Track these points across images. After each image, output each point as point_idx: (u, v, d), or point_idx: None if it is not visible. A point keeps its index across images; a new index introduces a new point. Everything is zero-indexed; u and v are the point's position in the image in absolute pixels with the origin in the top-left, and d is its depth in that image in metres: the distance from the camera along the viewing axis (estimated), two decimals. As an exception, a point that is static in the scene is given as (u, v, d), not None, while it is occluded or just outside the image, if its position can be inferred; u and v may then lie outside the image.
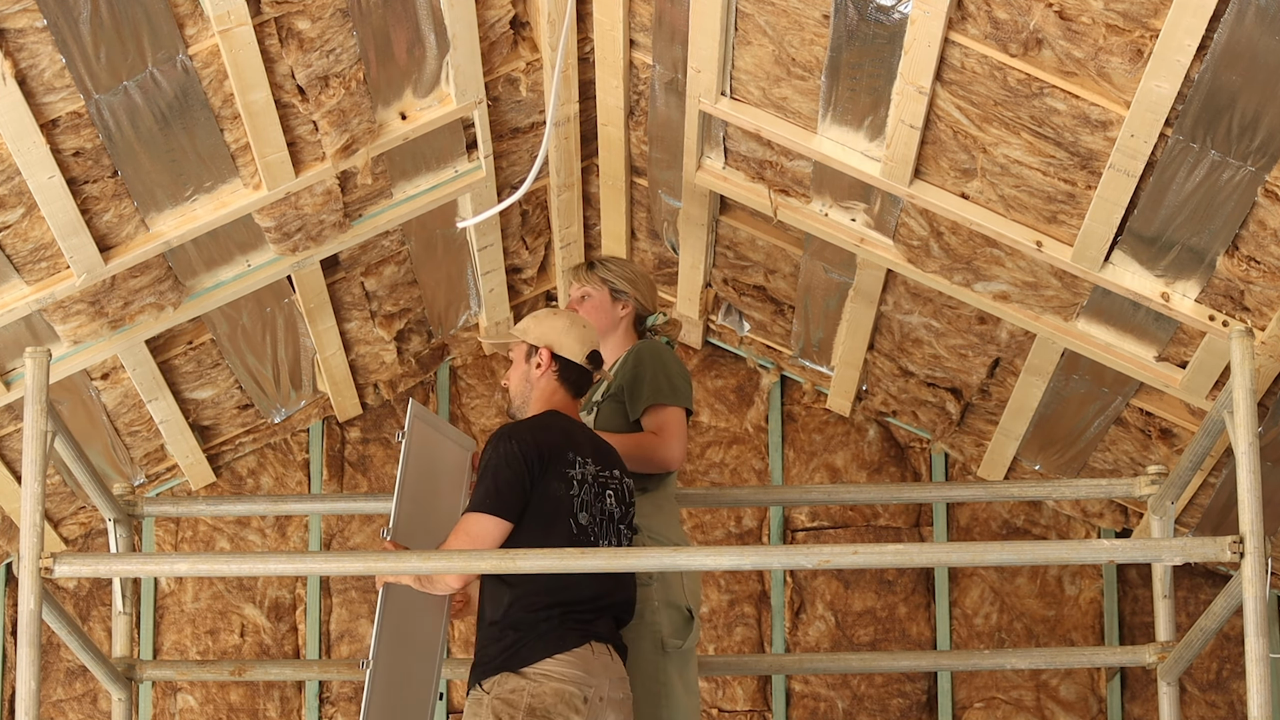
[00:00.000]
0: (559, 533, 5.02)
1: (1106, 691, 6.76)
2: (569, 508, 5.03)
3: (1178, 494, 5.81)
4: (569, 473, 5.06)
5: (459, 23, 5.20)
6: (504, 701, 4.91)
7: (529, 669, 4.94)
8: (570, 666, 4.96)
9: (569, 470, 5.06)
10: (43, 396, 5.13)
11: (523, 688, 4.93)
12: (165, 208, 5.34)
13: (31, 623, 5.04)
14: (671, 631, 5.32)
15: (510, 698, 4.92)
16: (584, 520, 5.07)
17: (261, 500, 6.37)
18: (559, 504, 5.03)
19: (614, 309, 5.50)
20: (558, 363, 5.17)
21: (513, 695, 4.92)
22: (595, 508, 5.11)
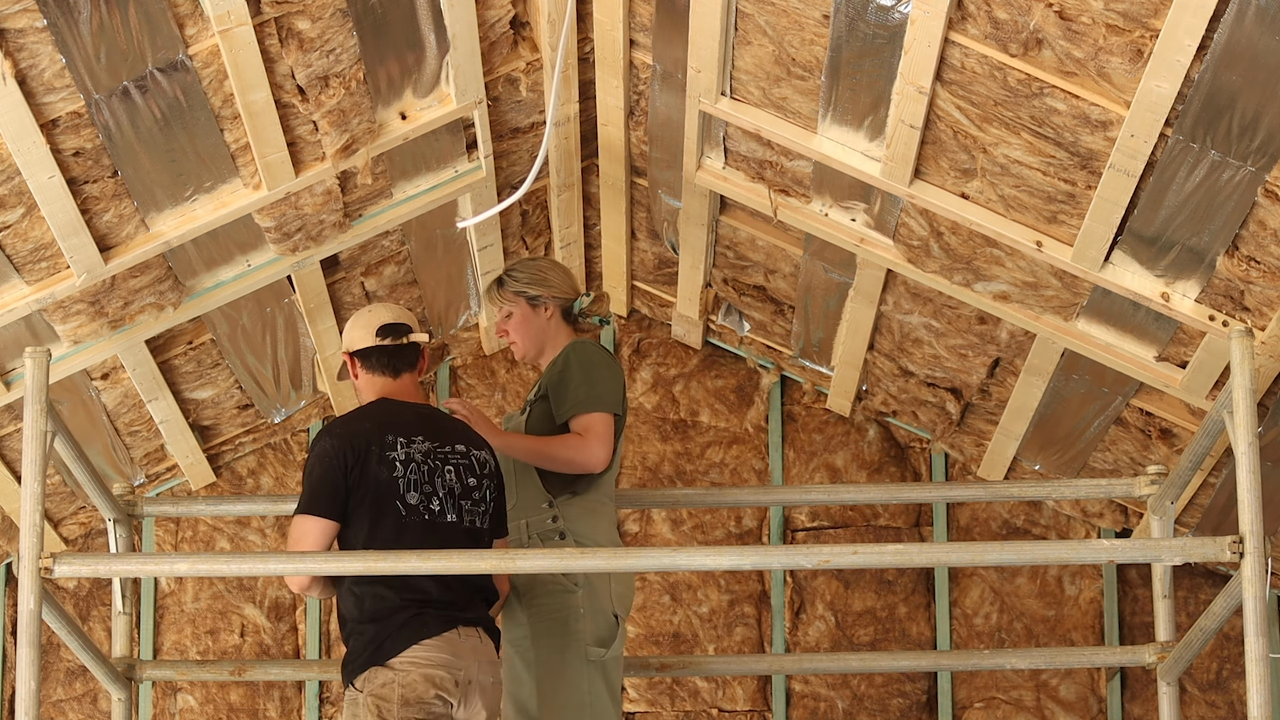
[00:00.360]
0: (388, 515, 5.06)
1: (1106, 691, 6.76)
2: (394, 490, 5.06)
3: (1178, 494, 5.81)
4: (389, 455, 5.08)
5: (459, 23, 5.20)
6: (377, 697, 4.95)
7: (395, 660, 4.98)
8: (436, 651, 4.99)
9: (389, 453, 5.08)
10: (43, 396, 5.13)
11: (392, 679, 4.97)
12: (165, 208, 5.34)
13: (31, 623, 5.04)
14: (596, 640, 5.31)
15: (382, 692, 4.96)
16: (413, 500, 5.09)
17: (261, 500, 6.38)
18: (382, 487, 5.06)
19: (538, 316, 5.51)
20: (359, 358, 5.21)
21: (384, 689, 4.96)
22: (430, 484, 5.11)
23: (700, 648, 6.80)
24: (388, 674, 5.00)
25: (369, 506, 5.06)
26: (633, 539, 6.87)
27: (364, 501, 5.06)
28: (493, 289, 5.57)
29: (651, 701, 6.79)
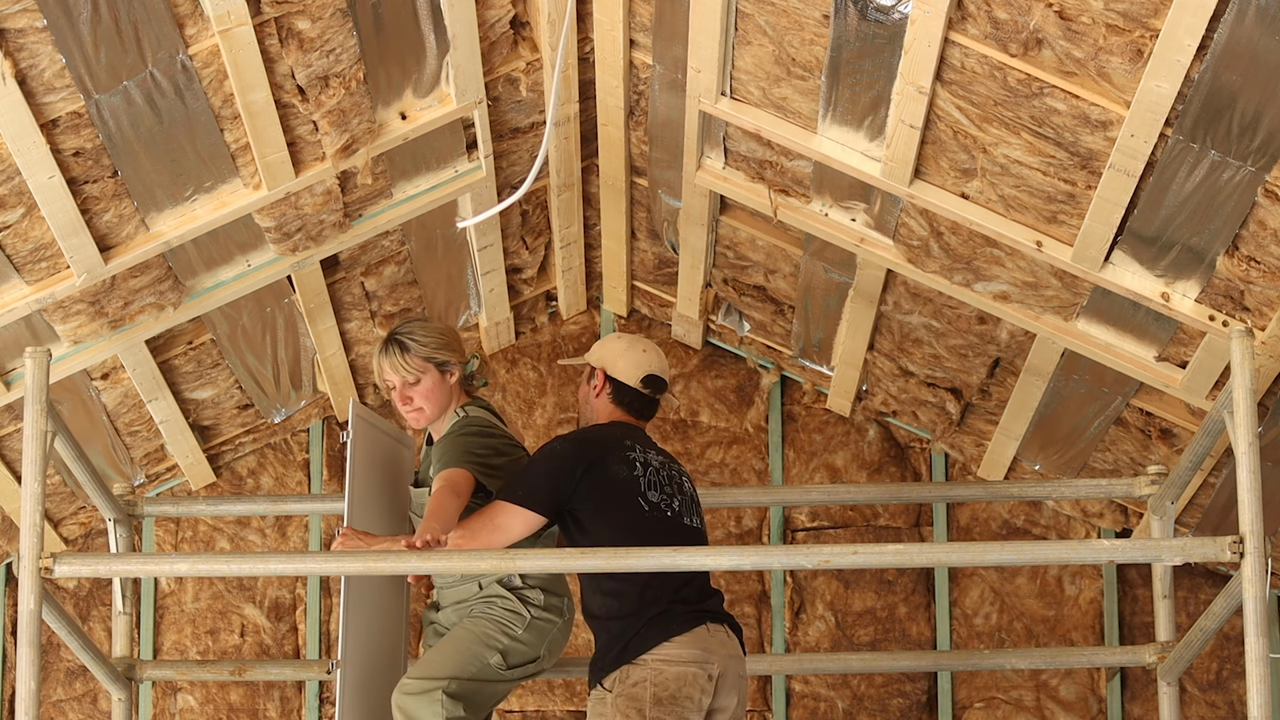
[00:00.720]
0: (630, 509, 5.14)
1: (1106, 691, 6.76)
2: (635, 486, 5.15)
3: (1178, 494, 5.81)
4: (629, 456, 5.20)
5: (459, 23, 5.21)
6: (628, 698, 4.98)
7: (646, 656, 5.02)
8: (687, 647, 5.03)
9: (629, 454, 5.20)
10: (43, 396, 5.13)
11: (644, 678, 5.00)
12: (165, 208, 5.34)
13: (31, 623, 5.04)
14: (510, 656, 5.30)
15: (634, 691, 4.99)
16: (654, 498, 5.19)
17: (261, 500, 6.38)
18: (622, 484, 5.15)
19: (445, 382, 5.41)
20: (611, 385, 5.30)
21: (635, 689, 4.99)
22: (669, 488, 5.23)
23: (700, 648, 6.80)
24: (640, 671, 5.02)
25: (611, 502, 5.15)
26: (633, 539, 6.87)
27: (606, 499, 5.15)
28: (395, 355, 5.36)
29: (651, 701, 6.79)
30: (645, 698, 4.98)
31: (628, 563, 5.19)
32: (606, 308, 6.98)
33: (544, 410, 6.94)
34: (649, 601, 5.08)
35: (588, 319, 7.01)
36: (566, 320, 7.01)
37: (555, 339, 7.00)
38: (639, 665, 5.01)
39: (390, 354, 5.36)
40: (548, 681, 6.77)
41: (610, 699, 5.01)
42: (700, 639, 5.06)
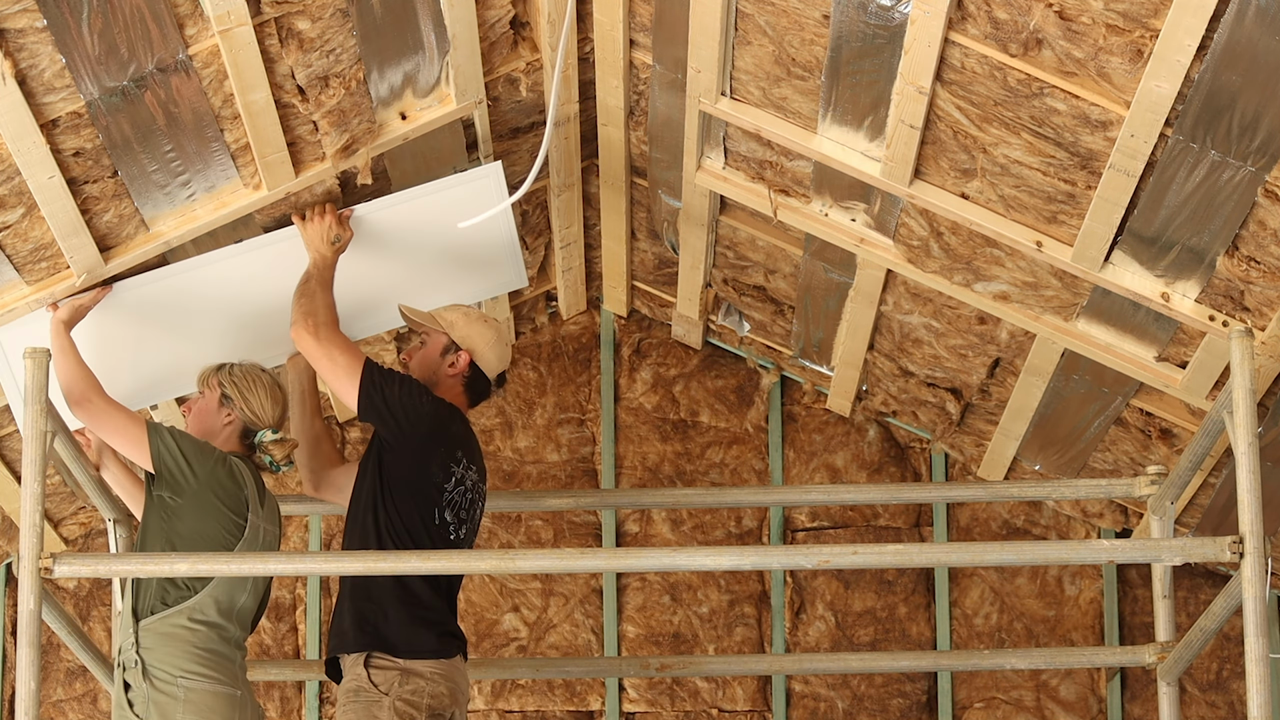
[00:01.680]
0: (424, 515, 5.20)
1: (1106, 691, 6.76)
2: (436, 499, 5.21)
3: (1178, 494, 5.81)
4: (451, 468, 5.24)
5: (459, 23, 5.20)
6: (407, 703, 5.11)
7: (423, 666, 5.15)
8: (452, 668, 5.21)
9: (452, 465, 5.24)
10: (43, 396, 5.13)
11: (423, 687, 5.15)
12: (165, 208, 5.34)
13: (31, 623, 5.04)
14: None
15: (413, 699, 5.12)
16: (448, 517, 5.24)
17: (261, 500, 6.37)
18: (431, 489, 5.21)
19: (218, 414, 5.44)
20: (471, 370, 5.29)
21: (414, 696, 5.12)
22: (464, 512, 5.28)
23: (700, 648, 6.80)
24: (420, 681, 5.06)
25: (412, 495, 5.20)
26: (633, 539, 6.88)
27: (409, 487, 5.20)
28: (209, 371, 5.49)
29: (651, 701, 6.79)
30: (423, 707, 5.07)
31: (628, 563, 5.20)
32: (606, 308, 6.98)
33: (544, 410, 6.94)
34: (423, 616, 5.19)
35: (588, 319, 7.01)
36: (566, 320, 7.01)
37: (555, 339, 7.00)
38: (420, 675, 5.09)
39: (212, 369, 5.49)
40: (548, 682, 6.77)
41: (388, 703, 5.06)
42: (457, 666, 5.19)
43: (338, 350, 5.24)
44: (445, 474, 5.24)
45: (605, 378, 6.96)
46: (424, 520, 5.22)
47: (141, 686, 5.12)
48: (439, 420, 5.26)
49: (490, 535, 6.85)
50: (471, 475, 5.31)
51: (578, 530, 6.88)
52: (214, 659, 5.19)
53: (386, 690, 5.09)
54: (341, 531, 6.88)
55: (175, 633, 5.18)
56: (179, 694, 5.11)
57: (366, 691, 5.12)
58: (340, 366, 5.23)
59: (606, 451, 6.90)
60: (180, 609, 5.19)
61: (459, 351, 5.42)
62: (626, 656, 6.73)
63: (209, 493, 5.23)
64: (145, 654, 5.15)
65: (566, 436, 6.94)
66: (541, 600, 6.82)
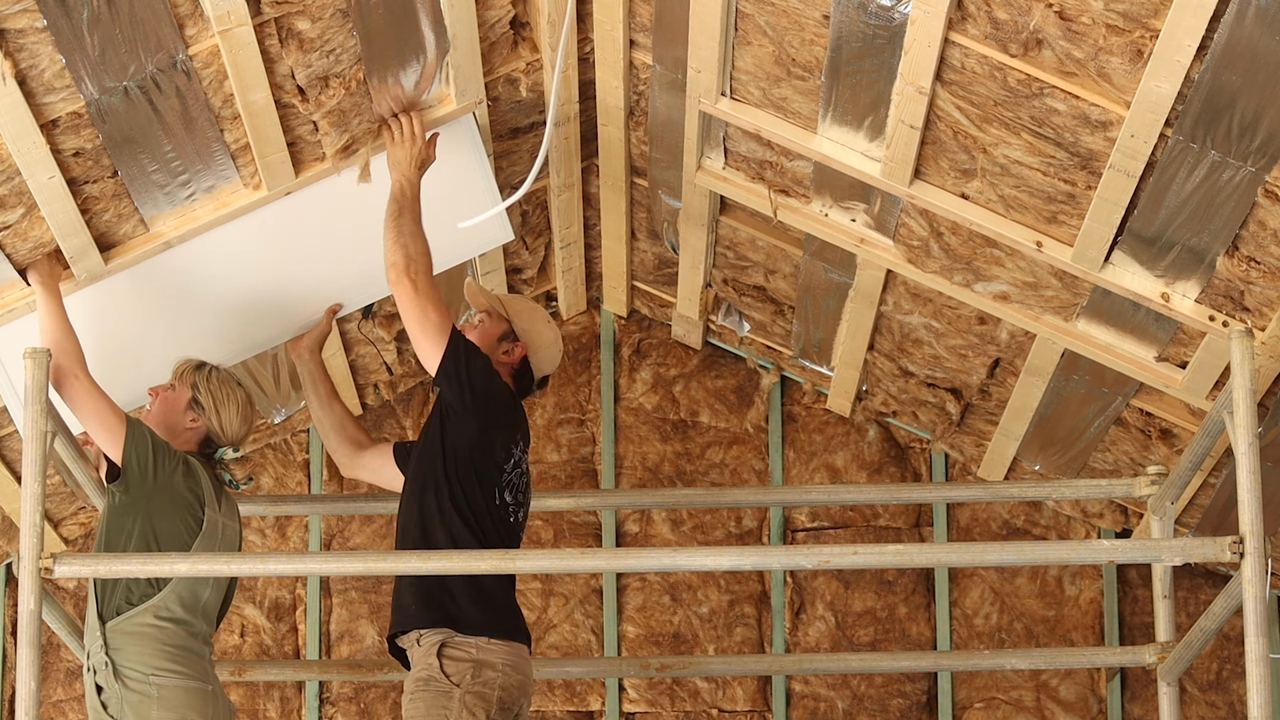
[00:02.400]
0: (485, 495, 5.16)
1: (1106, 691, 6.76)
2: (496, 479, 5.19)
3: (1178, 494, 5.81)
4: (511, 449, 5.24)
5: (459, 23, 5.20)
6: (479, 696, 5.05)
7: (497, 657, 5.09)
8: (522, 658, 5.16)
9: (512, 447, 5.24)
10: (43, 396, 5.13)
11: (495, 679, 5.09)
12: (165, 208, 5.34)
13: (31, 623, 5.04)
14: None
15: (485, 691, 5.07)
16: (507, 497, 5.21)
17: (261, 500, 6.37)
18: (493, 469, 5.18)
19: (184, 414, 5.43)
20: (522, 364, 5.30)
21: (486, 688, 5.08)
22: (521, 495, 5.27)
23: (700, 648, 6.80)
24: (491, 673, 5.02)
25: (474, 473, 5.16)
26: (633, 539, 6.88)
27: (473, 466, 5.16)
28: (188, 367, 5.48)
29: (651, 701, 6.79)
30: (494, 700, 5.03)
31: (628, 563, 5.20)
32: (606, 308, 6.98)
33: (544, 410, 6.94)
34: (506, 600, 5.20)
35: (588, 319, 7.01)
36: (567, 320, 7.01)
37: (555, 339, 7.00)
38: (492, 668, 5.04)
39: (190, 366, 5.47)
40: (548, 682, 6.77)
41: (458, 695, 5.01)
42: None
43: (432, 307, 5.13)
44: (506, 455, 5.20)
45: (605, 378, 6.96)
46: (487, 499, 5.16)
47: (114, 687, 5.13)
48: (506, 401, 5.24)
49: (490, 535, 6.85)
50: (526, 461, 5.29)
51: (578, 530, 6.88)
52: (183, 655, 5.20)
53: (458, 682, 5.00)
54: (341, 531, 6.88)
55: (142, 631, 5.18)
56: (152, 691, 5.12)
57: (437, 681, 5.01)
58: (432, 324, 5.12)
59: (606, 451, 6.90)
60: (145, 607, 5.20)
61: (516, 342, 5.39)
62: (626, 656, 6.73)
63: (162, 495, 5.23)
64: (115, 655, 5.16)
65: (566, 436, 6.94)
66: (541, 600, 6.82)
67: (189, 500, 5.25)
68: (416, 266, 5.15)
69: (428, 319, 5.13)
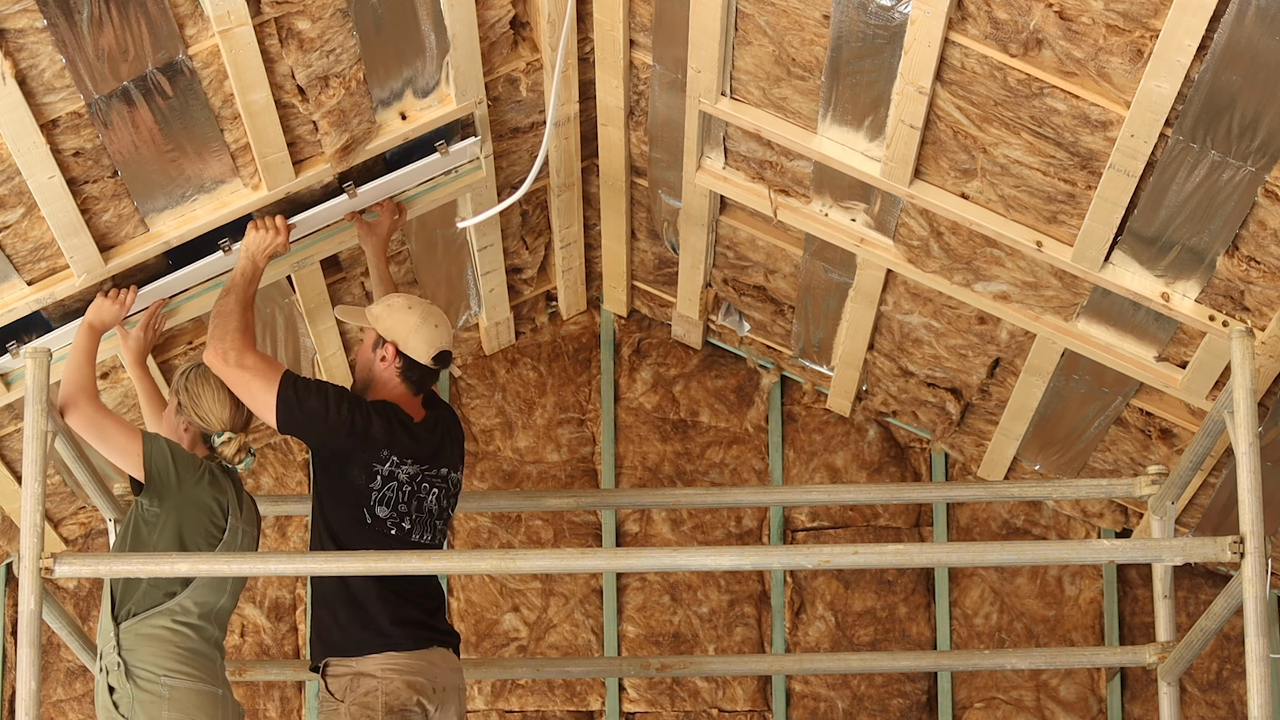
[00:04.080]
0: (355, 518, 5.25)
1: (1106, 691, 6.76)
2: (364, 499, 5.24)
3: (1178, 494, 5.81)
4: (374, 468, 5.25)
5: (459, 23, 5.20)
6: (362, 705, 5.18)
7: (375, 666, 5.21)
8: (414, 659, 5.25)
9: (376, 466, 5.25)
10: (43, 396, 5.13)
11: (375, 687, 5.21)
12: (165, 208, 5.34)
13: (31, 623, 5.04)
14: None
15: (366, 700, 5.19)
16: (382, 513, 5.27)
17: (261, 500, 6.36)
18: (355, 491, 5.24)
19: (178, 422, 5.45)
20: (402, 359, 5.30)
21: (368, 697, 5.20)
22: (404, 505, 5.29)
23: (700, 648, 6.80)
24: (370, 681, 5.09)
25: (341, 498, 5.26)
26: (633, 539, 6.88)
27: (338, 492, 5.26)
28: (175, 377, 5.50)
29: (651, 701, 6.79)
30: (378, 707, 5.12)
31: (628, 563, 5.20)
32: (606, 308, 6.98)
33: (544, 410, 6.94)
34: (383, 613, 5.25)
35: (588, 319, 7.01)
36: (566, 320, 7.02)
37: (555, 339, 7.00)
38: (370, 675, 5.15)
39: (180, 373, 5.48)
40: (548, 682, 6.77)
41: (344, 709, 5.14)
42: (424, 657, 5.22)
43: (249, 374, 5.23)
44: (368, 475, 5.24)
45: (605, 378, 6.96)
46: (355, 520, 5.25)
47: (126, 687, 5.14)
48: (354, 427, 5.22)
49: (490, 535, 6.85)
50: (407, 470, 5.28)
51: (578, 530, 6.88)
52: (195, 658, 5.22)
53: (341, 697, 5.18)
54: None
55: (157, 634, 5.20)
56: (164, 692, 5.13)
57: (327, 701, 5.22)
58: (255, 390, 5.23)
59: (606, 451, 6.90)
60: (160, 610, 5.21)
61: (386, 344, 5.41)
62: (626, 656, 6.73)
63: (189, 504, 5.26)
64: (127, 655, 5.17)
65: (566, 436, 6.94)
66: (541, 600, 6.83)
67: (213, 508, 5.29)
68: (226, 343, 5.23)
69: (250, 387, 5.23)
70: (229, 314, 5.27)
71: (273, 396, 5.21)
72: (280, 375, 5.23)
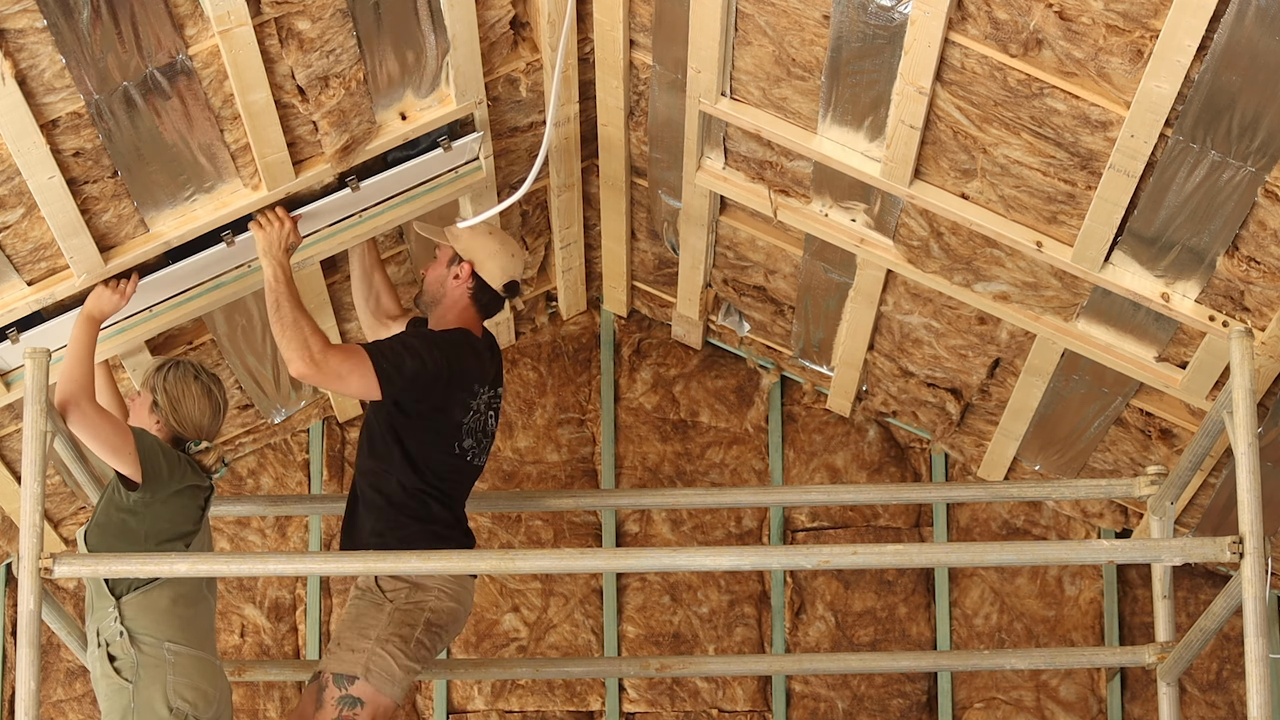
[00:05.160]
0: (446, 450, 5.39)
1: (1106, 691, 6.76)
2: (457, 434, 5.39)
3: (1178, 494, 5.82)
4: (469, 402, 5.39)
5: (459, 23, 5.21)
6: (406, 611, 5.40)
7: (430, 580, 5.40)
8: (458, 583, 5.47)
9: (470, 399, 5.39)
10: (43, 396, 5.13)
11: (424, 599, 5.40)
12: (165, 208, 5.34)
13: (31, 623, 5.04)
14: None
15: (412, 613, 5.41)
16: (468, 444, 5.43)
17: (261, 500, 6.38)
18: (452, 428, 5.38)
19: (150, 418, 5.45)
20: (475, 280, 5.38)
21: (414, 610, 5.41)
22: (480, 434, 5.48)
23: (700, 648, 6.80)
24: (423, 594, 5.29)
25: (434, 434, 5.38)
26: (633, 539, 6.88)
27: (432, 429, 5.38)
28: (150, 370, 5.52)
29: (651, 701, 6.79)
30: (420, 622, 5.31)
31: (628, 563, 5.20)
32: (606, 308, 6.98)
33: (544, 410, 6.94)
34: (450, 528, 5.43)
35: (588, 319, 7.02)
36: (566, 320, 7.02)
37: (555, 339, 7.00)
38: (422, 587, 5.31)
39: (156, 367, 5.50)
40: (548, 682, 6.78)
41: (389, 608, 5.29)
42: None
43: (342, 370, 5.29)
44: (464, 410, 5.41)
45: (605, 378, 6.96)
46: (445, 452, 5.39)
47: (130, 653, 5.20)
48: (453, 370, 5.37)
49: (490, 535, 6.85)
50: (484, 396, 5.47)
51: (578, 530, 6.88)
52: (193, 630, 5.30)
53: (392, 597, 5.28)
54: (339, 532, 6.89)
55: (158, 605, 5.26)
56: (168, 657, 5.23)
57: (373, 593, 5.32)
58: (354, 380, 5.30)
59: (606, 451, 6.90)
60: (161, 583, 5.27)
61: (462, 263, 5.52)
62: (626, 656, 6.73)
63: (178, 497, 5.33)
64: (130, 624, 5.23)
65: (566, 436, 6.94)
66: (541, 600, 6.83)
67: (196, 499, 5.37)
68: (311, 347, 5.27)
69: (346, 380, 5.29)
70: (289, 323, 5.30)
71: (373, 377, 5.27)
72: (367, 355, 5.30)
